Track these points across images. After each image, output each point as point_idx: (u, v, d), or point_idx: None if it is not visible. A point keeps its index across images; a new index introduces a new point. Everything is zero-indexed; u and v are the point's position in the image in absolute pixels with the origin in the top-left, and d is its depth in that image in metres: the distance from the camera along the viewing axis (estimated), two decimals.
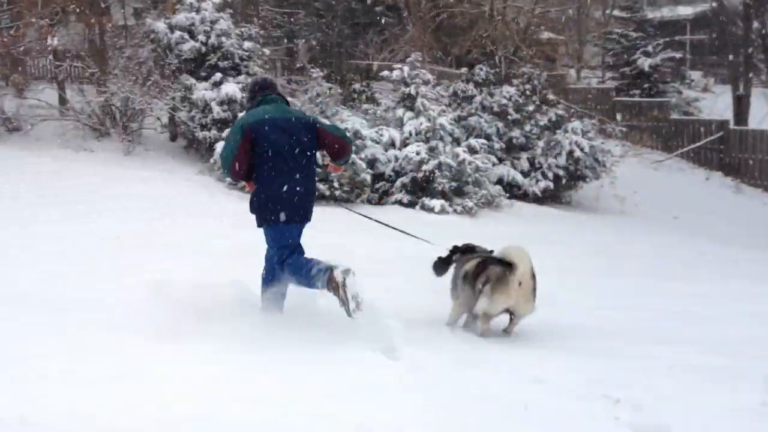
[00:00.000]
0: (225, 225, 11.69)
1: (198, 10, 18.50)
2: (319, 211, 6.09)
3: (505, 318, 5.77)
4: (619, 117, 27.20)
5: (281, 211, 5.48)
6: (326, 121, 6.06)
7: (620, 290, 8.30)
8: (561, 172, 19.22)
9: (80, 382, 3.78)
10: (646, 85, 30.17)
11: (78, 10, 19.38)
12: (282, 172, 5.51)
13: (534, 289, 5.62)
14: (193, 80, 18.16)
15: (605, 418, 3.75)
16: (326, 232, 11.17)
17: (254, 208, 5.65)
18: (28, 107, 18.02)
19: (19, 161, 15.33)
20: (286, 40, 27.13)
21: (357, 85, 21.67)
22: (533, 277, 5.60)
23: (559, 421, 3.65)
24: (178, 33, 18.14)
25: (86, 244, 8.81)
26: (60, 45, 18.57)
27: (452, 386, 4.11)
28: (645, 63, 29.98)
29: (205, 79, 18.20)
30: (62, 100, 18.95)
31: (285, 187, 5.49)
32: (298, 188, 5.53)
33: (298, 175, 5.54)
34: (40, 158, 15.91)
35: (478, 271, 5.81)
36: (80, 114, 18.16)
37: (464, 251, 6.37)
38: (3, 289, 6.08)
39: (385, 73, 18.21)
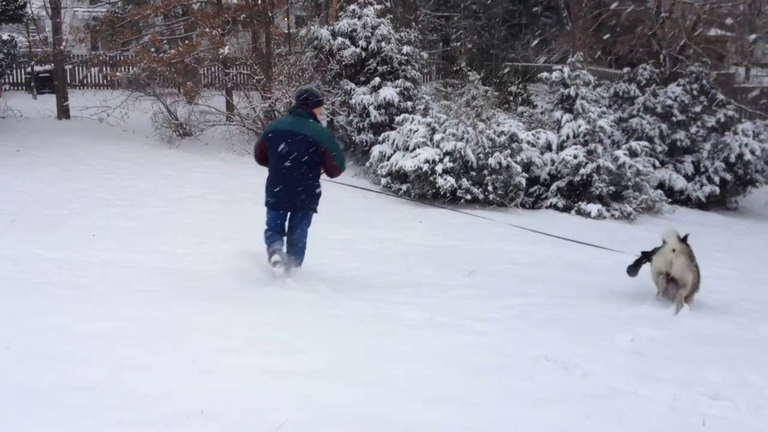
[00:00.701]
0: (379, 225, 11.97)
1: (360, 17, 18.97)
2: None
3: None
4: None
5: (270, 199, 6.88)
6: (336, 145, 7.01)
7: None
8: (728, 176, 18.26)
9: (257, 377, 3.99)
10: None
11: (246, 20, 20.34)
12: (277, 172, 6.80)
13: (690, 257, 6.88)
14: (352, 85, 18.65)
15: None
16: (486, 236, 11.23)
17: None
18: (198, 113, 19.10)
19: (192, 164, 16.30)
20: (442, 44, 27.35)
21: (513, 88, 21.48)
22: (684, 251, 6.90)
23: None
24: (340, 39, 18.68)
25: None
26: (229, 53, 19.56)
27: (623, 394, 4.03)
28: None
29: (364, 83, 18.64)
30: (230, 106, 19.96)
31: (276, 184, 6.80)
32: (287, 187, 6.77)
33: (290, 177, 6.76)
34: (210, 161, 16.85)
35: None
36: (246, 119, 19.07)
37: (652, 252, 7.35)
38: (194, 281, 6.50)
39: (545, 74, 17.94)
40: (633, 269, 7.52)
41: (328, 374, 4.11)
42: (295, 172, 6.75)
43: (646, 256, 7.50)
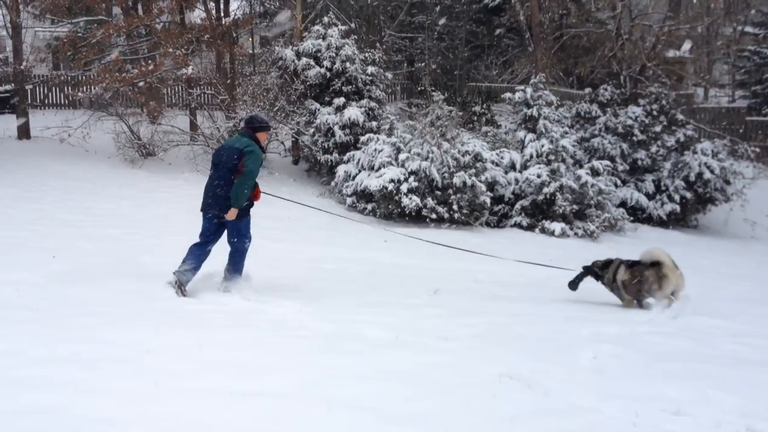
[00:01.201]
0: (344, 244, 11.96)
1: (324, 37, 19.04)
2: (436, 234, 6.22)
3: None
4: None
5: (202, 203, 7.61)
6: (255, 155, 7.43)
7: (761, 317, 7.92)
8: (688, 195, 18.58)
9: (220, 398, 3.95)
10: None
11: (210, 40, 20.29)
12: (209, 178, 7.58)
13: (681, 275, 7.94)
14: (317, 105, 18.68)
15: None
16: (450, 255, 11.27)
17: None
18: (162, 133, 18.95)
19: (155, 184, 16.15)
20: (407, 64, 27.52)
21: (477, 108, 21.67)
22: (675, 266, 7.93)
23: None
24: (304, 59, 18.72)
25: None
26: (193, 73, 19.47)
27: (585, 411, 4.05)
28: None
29: (329, 103, 18.68)
30: (193, 126, 19.85)
31: (205, 190, 7.60)
32: (210, 192, 7.48)
33: (215, 183, 7.43)
34: (174, 180, 16.71)
35: (636, 276, 7.95)
36: (209, 139, 18.97)
37: (602, 267, 8.22)
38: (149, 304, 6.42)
39: (508, 95, 18.15)
40: (574, 284, 8.26)
41: (291, 395, 4.08)
42: (222, 180, 7.40)
43: (588, 272, 8.25)
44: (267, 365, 4.64)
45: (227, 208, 7.34)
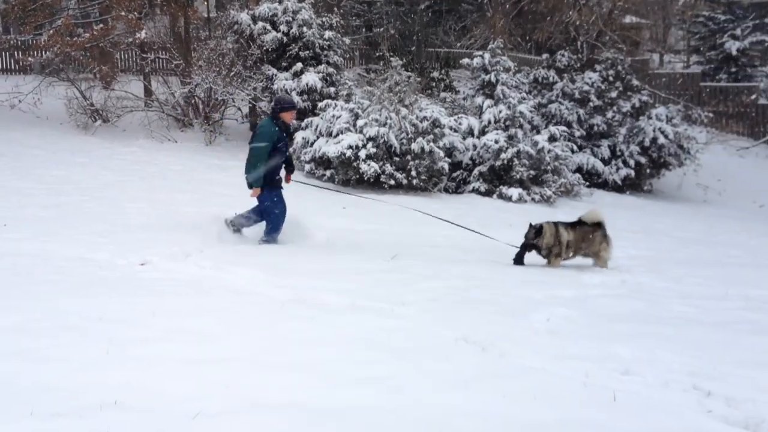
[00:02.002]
0: (302, 211, 11.91)
1: (281, 1, 18.75)
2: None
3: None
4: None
5: None
6: (257, 136, 8.56)
7: (710, 279, 8.10)
8: (643, 160, 18.86)
9: (174, 366, 3.93)
10: (733, 70, 29.21)
11: (164, 3, 19.86)
12: None
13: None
14: (274, 70, 18.46)
15: (697, 411, 3.69)
16: (408, 221, 11.30)
17: None
18: (115, 99, 18.57)
19: (109, 151, 15.87)
20: (365, 29, 27.28)
21: (436, 74, 21.61)
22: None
23: (648, 412, 3.61)
24: (260, 24, 18.44)
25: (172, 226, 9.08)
26: (147, 38, 19.07)
27: (538, 372, 4.11)
28: (732, 47, 28.98)
29: (286, 69, 18.48)
30: (148, 92, 19.50)
31: None
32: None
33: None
34: (128, 147, 16.44)
35: (582, 236, 8.29)
36: (165, 105, 18.68)
37: (535, 235, 8.30)
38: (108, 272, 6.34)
39: (465, 60, 18.13)
40: (519, 260, 8.39)
41: (246, 361, 4.07)
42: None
43: (527, 247, 8.38)
44: (221, 332, 4.62)
45: (250, 187, 8.50)
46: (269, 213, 8.55)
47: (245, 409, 3.43)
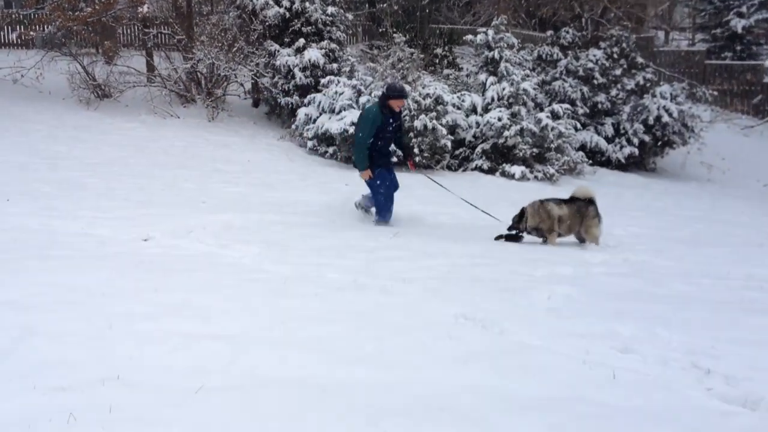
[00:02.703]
0: (304, 188, 11.92)
1: None
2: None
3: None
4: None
5: None
6: (360, 124, 8.95)
7: (711, 258, 8.12)
8: (647, 138, 18.80)
9: (176, 341, 3.96)
10: (738, 48, 29.06)
11: None
12: None
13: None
14: (276, 46, 18.38)
15: (696, 389, 3.71)
16: (412, 198, 11.31)
17: None
18: (117, 74, 18.53)
19: (111, 126, 15.86)
20: (368, 5, 27.11)
21: (439, 50, 21.51)
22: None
23: (648, 390, 3.63)
24: None
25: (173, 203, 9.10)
26: (149, 12, 18.97)
27: (537, 350, 4.14)
28: (738, 24, 28.81)
29: (289, 45, 18.40)
30: (150, 67, 19.44)
31: None
32: None
33: None
34: (130, 123, 16.43)
35: (575, 210, 8.36)
36: (167, 80, 18.62)
37: (518, 221, 8.46)
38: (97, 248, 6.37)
39: (469, 37, 18.03)
40: (515, 240, 8.53)
41: (247, 337, 4.10)
42: None
43: (514, 237, 8.51)
44: (223, 308, 4.65)
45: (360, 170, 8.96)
46: (375, 194, 9.00)
47: (247, 384, 3.46)
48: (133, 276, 5.37)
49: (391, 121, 8.85)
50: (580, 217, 8.41)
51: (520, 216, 8.45)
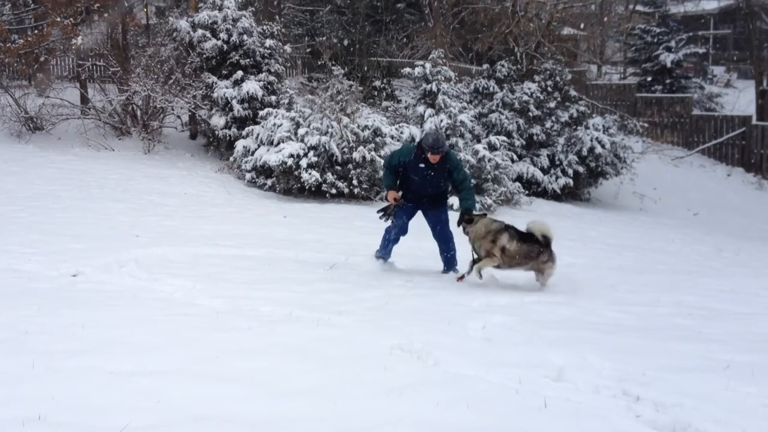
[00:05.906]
0: (242, 220, 11.81)
1: (220, 8, 18.59)
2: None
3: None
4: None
5: None
6: (393, 152, 8.64)
7: (642, 286, 8.30)
8: (581, 169, 19.18)
9: (101, 378, 3.84)
10: (668, 81, 30.02)
11: (101, 10, 19.49)
12: None
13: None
14: (214, 78, 18.28)
15: (626, 416, 3.76)
16: (350, 230, 11.30)
17: None
18: (50, 106, 18.13)
19: (43, 159, 15.49)
20: (307, 38, 27.22)
21: (378, 83, 21.67)
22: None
23: (579, 419, 3.66)
24: (200, 31, 18.26)
25: (106, 237, 8.91)
26: (83, 44, 18.68)
27: (471, 380, 4.14)
28: (667, 59, 29.81)
29: (227, 77, 18.32)
30: (84, 99, 19.10)
31: None
32: None
33: None
34: (63, 156, 16.08)
35: (527, 250, 7.49)
36: (102, 113, 18.32)
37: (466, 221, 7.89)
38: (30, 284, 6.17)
39: (407, 70, 18.22)
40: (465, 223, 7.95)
41: (177, 373, 4.00)
42: None
43: (464, 219, 7.93)
44: (153, 344, 4.54)
45: None
46: (386, 229, 8.61)
47: (177, 422, 3.38)
48: (60, 312, 5.22)
49: (422, 166, 8.13)
50: (533, 258, 7.58)
51: (470, 221, 7.86)
